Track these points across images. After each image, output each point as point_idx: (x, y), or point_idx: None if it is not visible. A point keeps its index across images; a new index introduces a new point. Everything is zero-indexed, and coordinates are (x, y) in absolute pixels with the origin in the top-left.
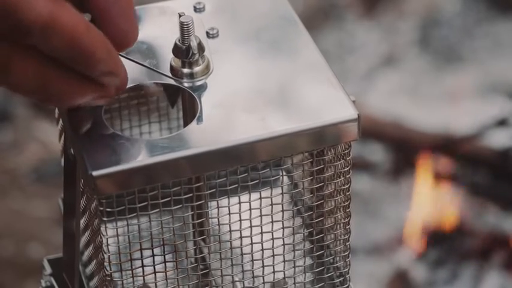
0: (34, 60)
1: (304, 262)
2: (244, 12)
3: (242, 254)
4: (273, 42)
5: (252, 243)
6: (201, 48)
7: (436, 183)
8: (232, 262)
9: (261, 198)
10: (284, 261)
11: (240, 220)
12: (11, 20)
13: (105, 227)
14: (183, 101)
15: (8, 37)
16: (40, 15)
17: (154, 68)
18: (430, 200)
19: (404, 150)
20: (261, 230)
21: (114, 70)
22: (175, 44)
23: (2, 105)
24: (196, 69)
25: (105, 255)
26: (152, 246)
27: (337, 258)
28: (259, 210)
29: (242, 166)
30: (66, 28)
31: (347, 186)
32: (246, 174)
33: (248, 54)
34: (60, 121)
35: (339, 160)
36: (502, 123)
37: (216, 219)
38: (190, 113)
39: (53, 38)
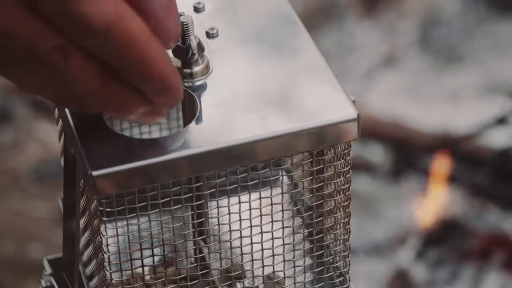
0: (91, 64)
1: (304, 262)
2: (244, 12)
3: (242, 254)
4: (273, 42)
5: (251, 243)
6: (200, 48)
7: (436, 183)
8: (232, 262)
9: (260, 198)
10: (284, 261)
11: (240, 220)
12: (75, 16)
13: (105, 227)
14: (182, 101)
15: (69, 36)
16: (106, 15)
17: None
18: (430, 200)
19: (404, 150)
20: (261, 229)
21: (171, 86)
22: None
23: (2, 105)
24: (196, 69)
25: (105, 255)
26: (152, 246)
27: (337, 258)
28: (259, 210)
29: (242, 166)
30: (131, 33)
31: (347, 186)
32: (245, 174)
33: (248, 54)
34: (60, 121)
35: (339, 160)
36: (501, 121)
37: (216, 219)
38: (190, 113)
39: (115, 42)
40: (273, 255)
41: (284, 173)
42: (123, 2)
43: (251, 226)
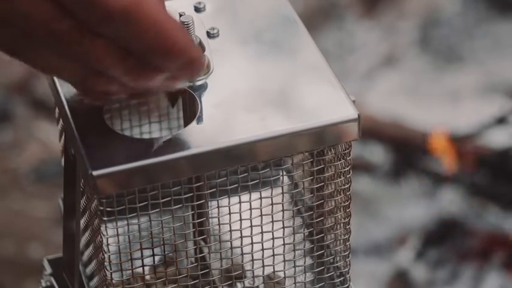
0: (110, 46)
1: (305, 262)
2: (244, 12)
3: (242, 254)
4: (274, 42)
5: (252, 243)
6: (201, 48)
7: (436, 183)
8: (232, 262)
9: (261, 198)
10: (284, 261)
11: (241, 220)
12: (91, 2)
13: (106, 227)
14: (183, 101)
15: (88, 24)
16: (122, 1)
17: None
18: (430, 200)
19: (404, 150)
20: (261, 229)
21: (193, 59)
22: None
23: (2, 105)
24: None
25: (105, 254)
26: (152, 246)
27: (338, 258)
28: (259, 210)
29: (242, 166)
30: (150, 15)
31: (347, 186)
32: (246, 174)
33: (248, 54)
34: (61, 121)
35: (339, 160)
36: (501, 121)
37: (216, 219)
38: (191, 112)
39: (135, 25)
40: (274, 255)
41: (284, 173)
42: None
43: (251, 226)
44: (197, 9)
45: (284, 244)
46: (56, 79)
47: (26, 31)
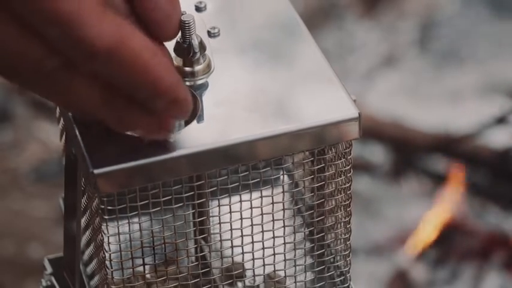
0: (95, 82)
1: (305, 261)
2: (245, 11)
3: (243, 253)
4: (275, 42)
5: (252, 242)
6: (202, 47)
7: (436, 183)
8: (233, 261)
9: (262, 197)
10: (285, 260)
11: (241, 219)
12: (75, 41)
13: (106, 226)
14: None
15: (72, 60)
16: (107, 37)
17: None
18: (430, 200)
19: (404, 150)
20: (262, 228)
21: (179, 98)
22: (177, 43)
23: (2, 105)
24: (198, 68)
25: (106, 253)
26: (153, 244)
27: (338, 257)
28: (260, 209)
29: (243, 165)
30: (134, 53)
31: (348, 185)
32: (247, 173)
33: (250, 53)
34: (62, 120)
35: (340, 159)
36: (501, 121)
37: (217, 218)
38: (192, 111)
39: (118, 63)
40: (274, 254)
41: (285, 172)
42: (123, 20)
43: (252, 225)
44: (198, 9)
45: (284, 243)
46: None
47: (14, 69)
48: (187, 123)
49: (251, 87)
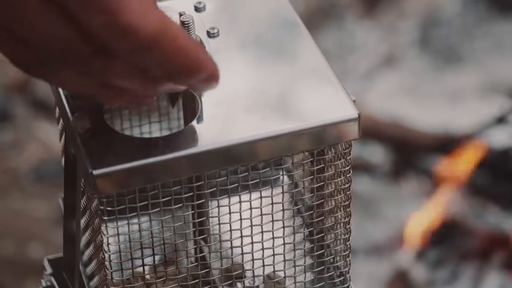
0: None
1: (305, 262)
2: (245, 11)
3: (242, 254)
4: (274, 43)
5: (252, 243)
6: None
7: (436, 183)
8: (232, 261)
9: (261, 197)
10: (284, 260)
11: (241, 219)
12: (121, 30)
13: (106, 226)
14: (183, 101)
15: (117, 52)
16: (153, 26)
17: None
18: (430, 200)
19: (404, 150)
20: (262, 229)
21: (214, 74)
22: None
23: (2, 105)
24: None
25: (105, 254)
26: (153, 245)
27: (338, 257)
28: (259, 209)
29: (242, 165)
30: (177, 40)
31: (347, 185)
32: (246, 173)
33: (249, 54)
34: (61, 121)
35: (340, 159)
36: (501, 121)
37: (217, 219)
38: (191, 112)
39: (163, 51)
40: (274, 255)
41: (285, 173)
42: (162, 10)
43: (251, 225)
44: (197, 9)
45: (284, 244)
46: None
47: (45, 53)
48: (186, 123)
49: (250, 88)
